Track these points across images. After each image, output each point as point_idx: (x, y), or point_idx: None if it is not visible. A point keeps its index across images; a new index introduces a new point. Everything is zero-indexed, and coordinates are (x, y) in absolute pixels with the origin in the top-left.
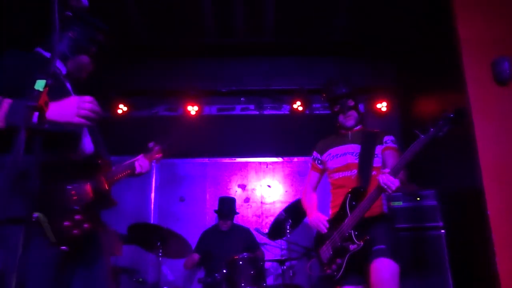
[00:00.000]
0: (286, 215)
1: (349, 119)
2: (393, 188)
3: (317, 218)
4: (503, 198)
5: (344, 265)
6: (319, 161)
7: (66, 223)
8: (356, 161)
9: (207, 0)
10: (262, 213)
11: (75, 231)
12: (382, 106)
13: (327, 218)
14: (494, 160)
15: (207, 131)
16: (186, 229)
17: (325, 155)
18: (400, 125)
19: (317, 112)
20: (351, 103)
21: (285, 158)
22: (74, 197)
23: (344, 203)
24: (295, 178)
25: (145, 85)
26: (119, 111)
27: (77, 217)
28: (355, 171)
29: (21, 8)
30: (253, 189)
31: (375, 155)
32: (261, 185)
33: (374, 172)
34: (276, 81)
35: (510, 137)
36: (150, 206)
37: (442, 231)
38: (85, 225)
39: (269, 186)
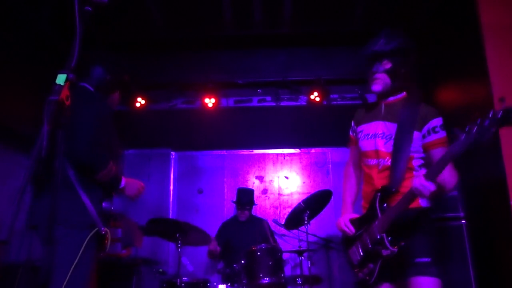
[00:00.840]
0: (305, 206)
1: (375, 83)
2: (427, 194)
3: (342, 221)
4: None
5: (376, 271)
6: (355, 133)
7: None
8: (386, 149)
9: None
10: (280, 204)
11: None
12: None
13: (354, 217)
14: None
15: (224, 123)
16: (205, 220)
17: (359, 128)
18: None
19: (335, 103)
20: (387, 65)
21: (303, 149)
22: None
23: (373, 203)
24: (312, 169)
25: (163, 78)
26: (138, 105)
27: None
28: (382, 161)
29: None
30: (271, 180)
31: (411, 141)
32: (278, 177)
33: (408, 165)
34: (293, 72)
35: None
36: (169, 198)
37: (463, 221)
38: None
39: (286, 177)
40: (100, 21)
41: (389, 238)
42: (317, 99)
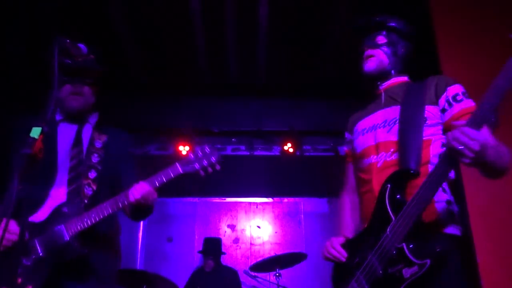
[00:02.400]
0: (278, 259)
1: (368, 61)
2: (476, 149)
3: (329, 244)
4: (491, 244)
5: None
6: (350, 142)
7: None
8: (388, 138)
9: (201, 41)
10: (251, 254)
11: None
12: None
13: (345, 239)
14: (482, 205)
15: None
16: (174, 269)
17: (353, 133)
18: None
19: (308, 154)
20: (382, 40)
21: (275, 199)
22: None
23: (380, 202)
24: (285, 219)
25: (137, 123)
26: None
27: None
28: (384, 155)
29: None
30: (243, 229)
31: (425, 119)
32: (250, 226)
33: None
34: (267, 122)
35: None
36: (138, 245)
37: None
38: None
39: (258, 226)
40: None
41: (411, 246)
42: (290, 149)
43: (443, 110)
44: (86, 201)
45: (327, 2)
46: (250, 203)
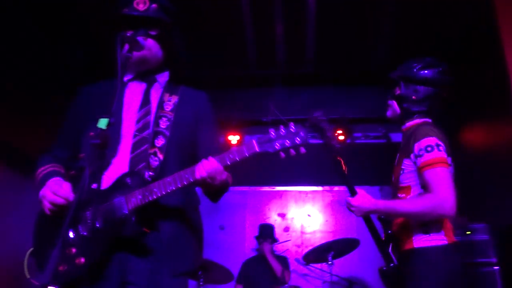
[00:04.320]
0: (330, 247)
1: (387, 110)
2: (359, 215)
3: None
4: None
5: None
6: None
7: None
8: (394, 180)
9: (250, 32)
10: (302, 242)
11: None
12: None
13: None
14: None
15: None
16: (226, 257)
17: None
18: None
19: (358, 141)
20: (397, 91)
21: (325, 187)
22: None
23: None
24: (335, 207)
25: None
26: None
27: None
28: (395, 193)
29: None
30: (293, 218)
31: (402, 170)
32: (301, 214)
33: (401, 195)
34: (316, 111)
35: None
36: None
37: (496, 267)
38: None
39: (309, 215)
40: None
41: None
42: (341, 137)
43: (414, 163)
44: (151, 172)
45: None
46: (299, 191)
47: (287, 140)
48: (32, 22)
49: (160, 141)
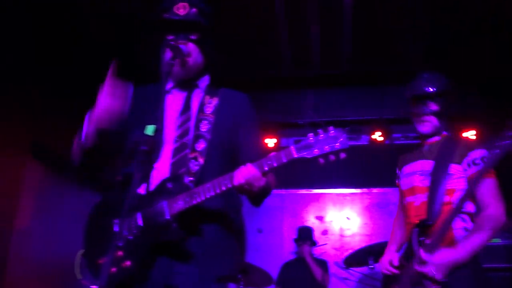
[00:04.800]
0: (370, 250)
1: (424, 125)
2: (439, 278)
3: (382, 263)
4: None
5: None
6: (399, 178)
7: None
8: (422, 184)
9: (284, 34)
10: (341, 246)
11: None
12: (470, 135)
13: (395, 257)
14: None
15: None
16: (265, 260)
17: (401, 171)
18: None
19: (398, 142)
20: (434, 107)
21: (364, 190)
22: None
23: (410, 239)
24: (374, 210)
25: None
26: None
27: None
28: (420, 197)
29: None
30: (331, 221)
31: (448, 175)
32: (339, 217)
33: (446, 199)
34: (352, 112)
35: None
36: None
37: None
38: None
39: (348, 218)
40: None
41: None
42: (380, 138)
43: (465, 169)
44: (191, 178)
45: None
46: (337, 194)
47: (326, 146)
48: (61, 28)
49: (200, 145)
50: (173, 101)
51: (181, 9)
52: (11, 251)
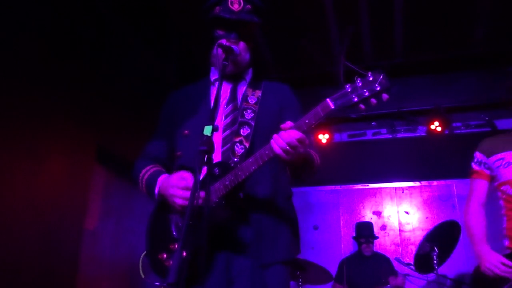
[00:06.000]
0: (430, 245)
1: None
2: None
3: (490, 263)
4: None
5: None
6: (486, 166)
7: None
8: None
9: (334, 26)
10: (401, 241)
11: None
12: None
13: (500, 257)
14: None
15: (338, 158)
16: (323, 257)
17: (493, 158)
18: None
19: (458, 131)
20: None
21: (423, 182)
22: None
23: None
24: (435, 203)
25: None
26: None
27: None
28: None
29: None
30: (389, 216)
31: None
32: (398, 212)
33: None
34: (408, 103)
35: None
36: None
37: None
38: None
39: (406, 212)
40: None
41: None
42: (438, 128)
43: None
44: (236, 159)
45: None
46: (395, 188)
47: (365, 91)
48: (139, 39)
49: (245, 131)
50: (219, 92)
51: (236, 4)
52: (82, 251)
